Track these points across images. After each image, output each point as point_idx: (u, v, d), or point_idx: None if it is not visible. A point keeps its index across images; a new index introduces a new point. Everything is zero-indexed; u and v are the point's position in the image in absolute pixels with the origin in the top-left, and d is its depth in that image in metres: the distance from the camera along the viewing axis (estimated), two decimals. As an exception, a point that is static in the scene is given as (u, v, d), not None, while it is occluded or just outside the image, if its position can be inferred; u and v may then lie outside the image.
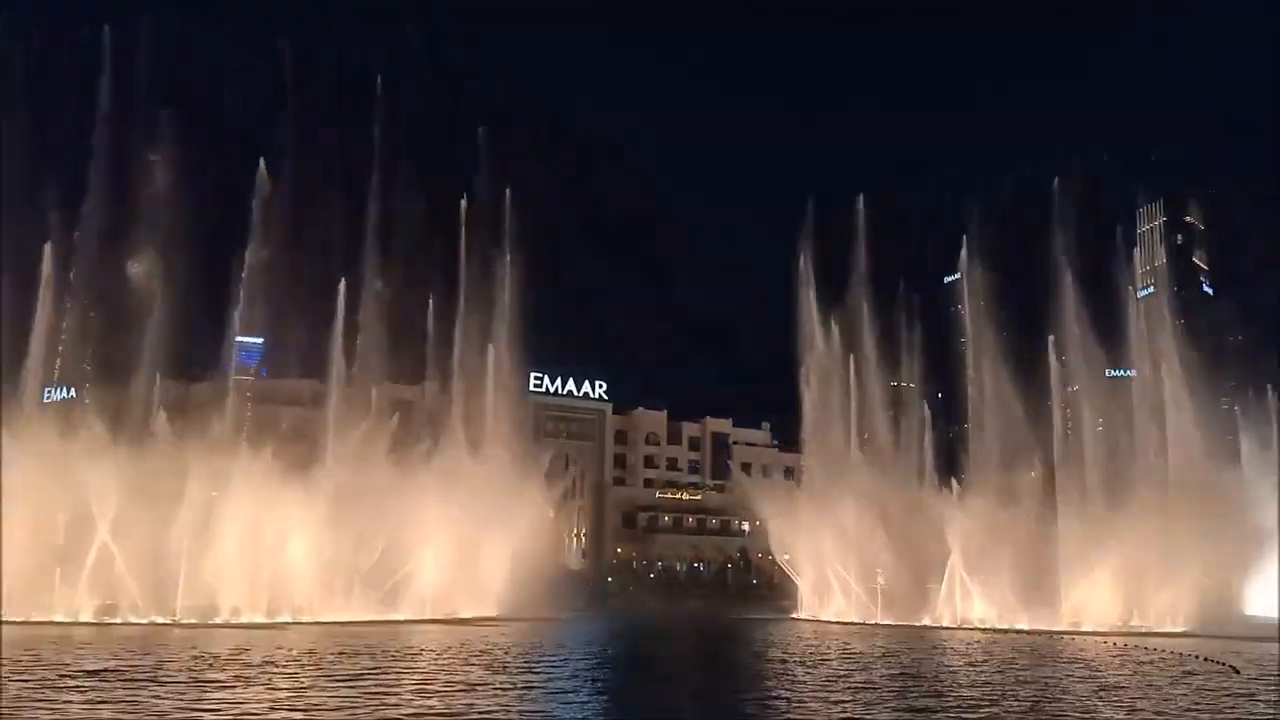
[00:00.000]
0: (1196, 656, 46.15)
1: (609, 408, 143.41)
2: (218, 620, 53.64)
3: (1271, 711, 29.09)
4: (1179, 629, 72.70)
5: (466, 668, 34.91)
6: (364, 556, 62.26)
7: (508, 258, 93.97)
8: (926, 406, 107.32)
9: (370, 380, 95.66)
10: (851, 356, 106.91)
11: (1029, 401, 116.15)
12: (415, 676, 31.95)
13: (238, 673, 31.11)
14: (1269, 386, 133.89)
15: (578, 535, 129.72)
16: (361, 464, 68.13)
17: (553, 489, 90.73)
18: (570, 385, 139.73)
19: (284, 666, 33.50)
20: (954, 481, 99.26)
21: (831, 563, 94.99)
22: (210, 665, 32.96)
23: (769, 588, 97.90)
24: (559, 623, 60.29)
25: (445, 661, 37.07)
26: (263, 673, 31.37)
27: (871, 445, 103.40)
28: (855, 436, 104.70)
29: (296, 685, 28.67)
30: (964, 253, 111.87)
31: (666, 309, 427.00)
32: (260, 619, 54.96)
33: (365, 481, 66.21)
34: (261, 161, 74.61)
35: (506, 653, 40.94)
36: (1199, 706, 28.85)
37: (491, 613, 64.85)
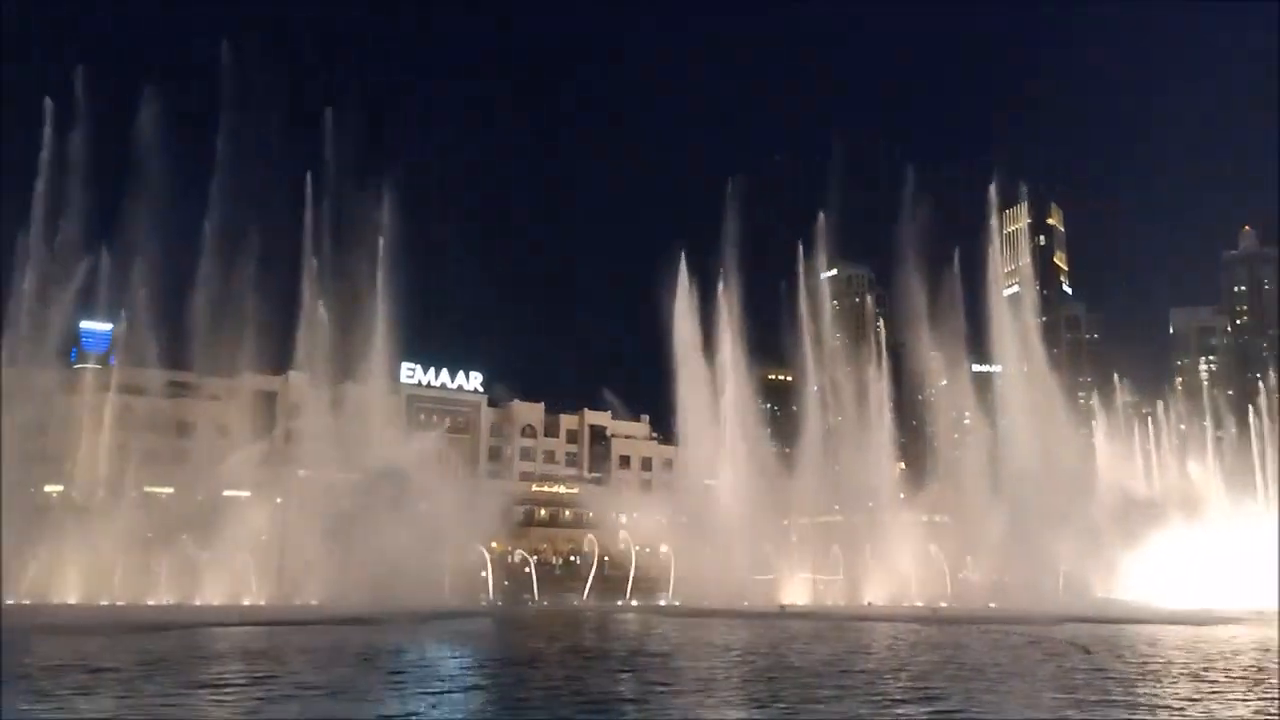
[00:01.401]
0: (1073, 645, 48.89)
1: (484, 400, 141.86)
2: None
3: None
4: (1042, 611, 76.44)
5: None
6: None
7: (380, 245, 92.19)
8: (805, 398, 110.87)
9: (226, 370, 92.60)
10: (728, 350, 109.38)
11: (899, 397, 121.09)
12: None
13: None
14: (1118, 378, 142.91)
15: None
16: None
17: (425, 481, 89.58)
18: (444, 376, 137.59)
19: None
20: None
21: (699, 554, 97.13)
22: None
23: (648, 580, 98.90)
24: (427, 622, 58.98)
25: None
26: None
27: (742, 437, 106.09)
28: (732, 429, 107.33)
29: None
30: (803, 249, 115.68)
31: (546, 301, 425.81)
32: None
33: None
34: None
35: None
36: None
37: (361, 611, 63.26)
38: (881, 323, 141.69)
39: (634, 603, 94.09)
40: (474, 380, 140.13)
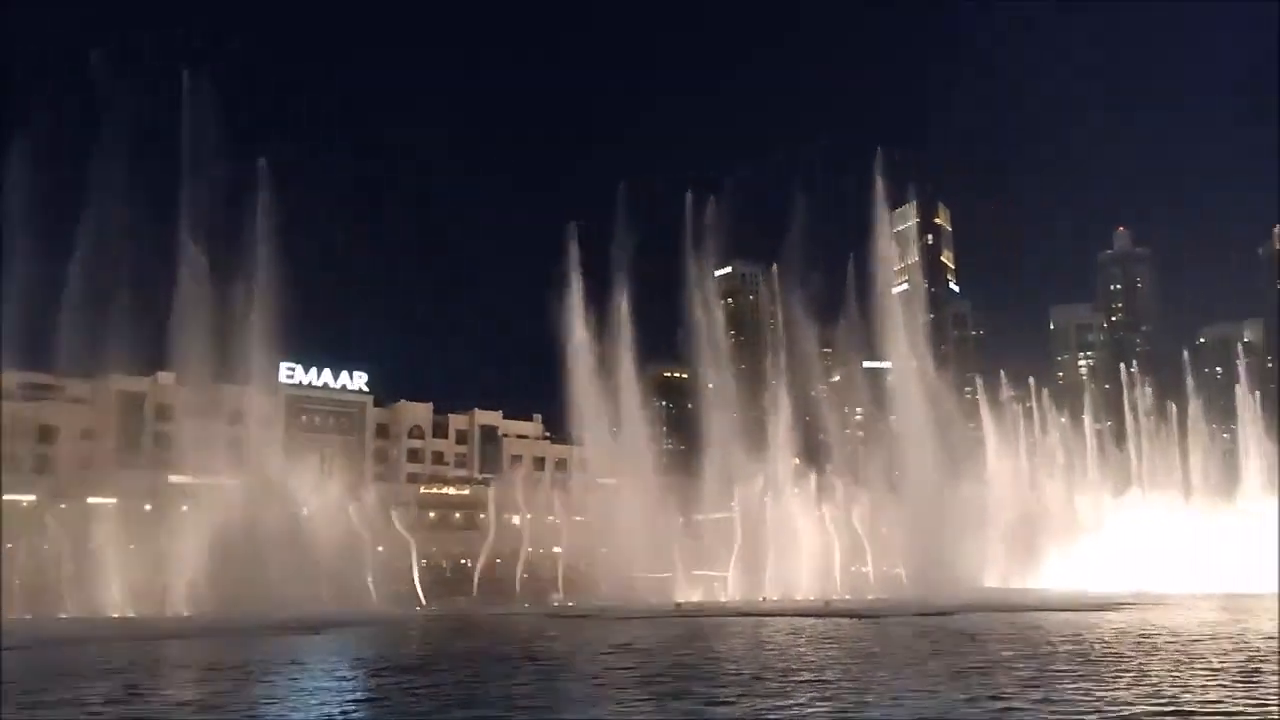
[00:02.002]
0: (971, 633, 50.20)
1: (369, 400, 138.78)
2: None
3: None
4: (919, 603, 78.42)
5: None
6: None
7: (260, 240, 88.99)
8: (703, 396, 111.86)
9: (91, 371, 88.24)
10: (622, 349, 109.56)
11: (793, 393, 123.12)
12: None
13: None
14: (1003, 374, 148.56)
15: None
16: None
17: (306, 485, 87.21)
18: (327, 376, 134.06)
19: None
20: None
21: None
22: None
23: (540, 581, 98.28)
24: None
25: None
26: None
27: (638, 436, 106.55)
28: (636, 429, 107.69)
29: None
30: (693, 247, 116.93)
31: (437, 301, 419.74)
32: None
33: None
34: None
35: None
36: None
37: (238, 622, 60.85)
38: (777, 320, 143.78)
39: (525, 605, 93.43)
40: (358, 380, 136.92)
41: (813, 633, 52.71)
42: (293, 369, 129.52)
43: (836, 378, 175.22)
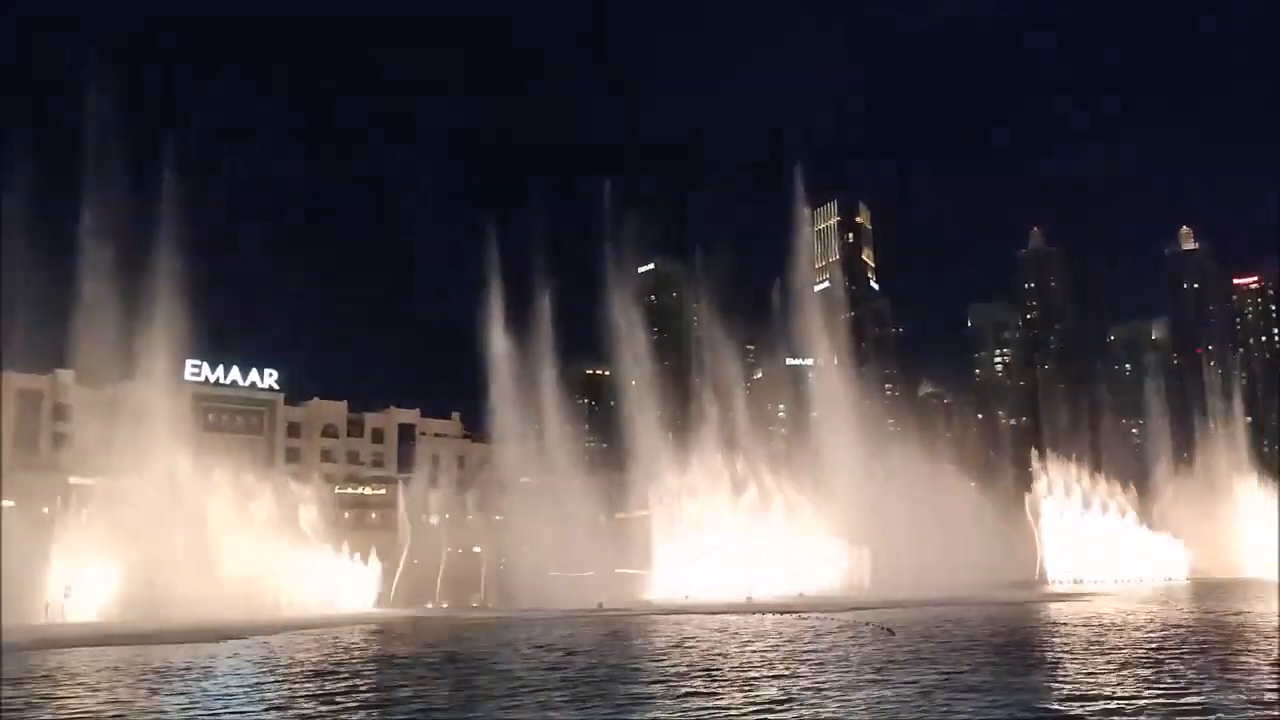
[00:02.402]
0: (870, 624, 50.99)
1: (280, 398, 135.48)
2: None
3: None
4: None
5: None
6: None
7: (164, 236, 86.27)
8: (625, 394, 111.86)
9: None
10: (542, 347, 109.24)
11: (719, 389, 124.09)
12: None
13: None
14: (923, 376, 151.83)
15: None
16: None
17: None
18: (235, 374, 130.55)
19: None
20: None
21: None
22: None
23: (461, 582, 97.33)
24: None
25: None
26: None
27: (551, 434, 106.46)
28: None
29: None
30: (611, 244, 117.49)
31: (352, 296, 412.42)
32: None
33: None
34: None
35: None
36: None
37: (143, 628, 58.94)
38: (700, 317, 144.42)
39: (444, 605, 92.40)
40: (269, 378, 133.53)
41: (735, 629, 53.09)
42: (199, 366, 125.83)
43: (759, 375, 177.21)
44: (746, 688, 28.76)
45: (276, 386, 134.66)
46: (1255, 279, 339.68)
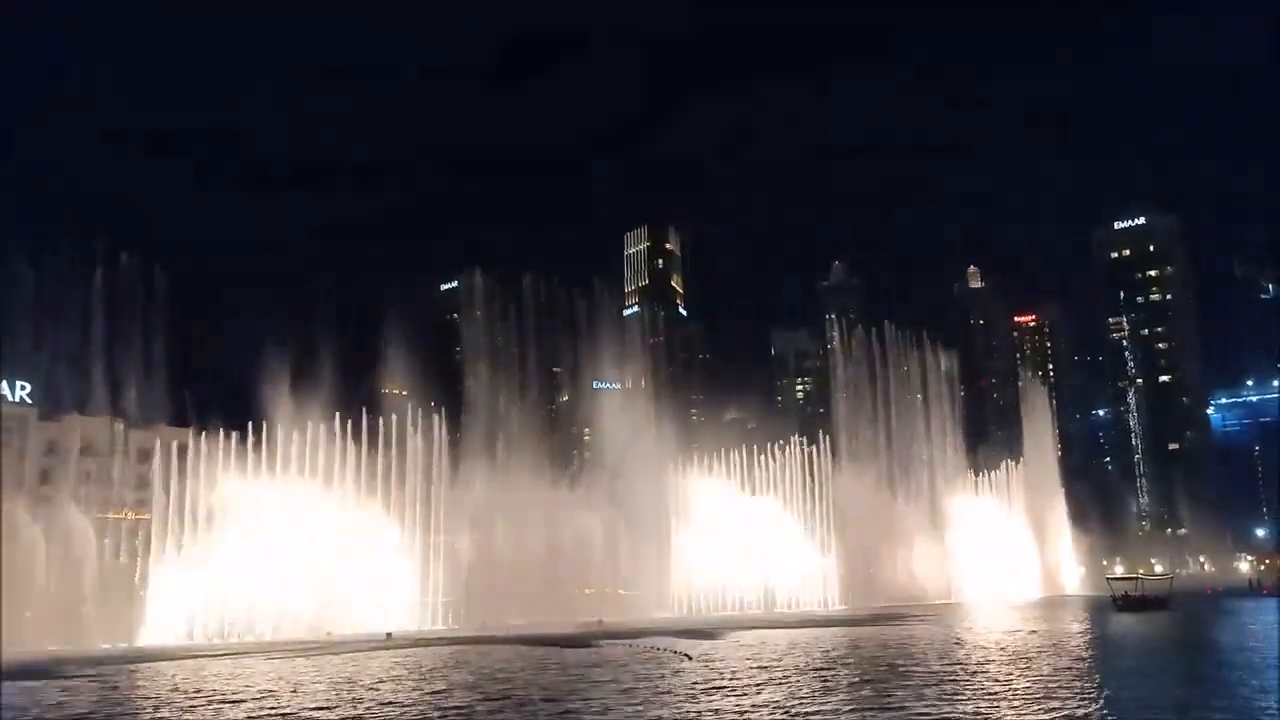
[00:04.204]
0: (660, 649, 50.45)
1: (35, 412, 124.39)
2: None
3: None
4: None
5: None
6: None
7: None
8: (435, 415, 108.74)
9: None
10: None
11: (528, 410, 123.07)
12: None
13: None
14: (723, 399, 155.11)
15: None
16: None
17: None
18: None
19: None
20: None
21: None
22: None
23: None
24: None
25: None
26: None
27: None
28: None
29: None
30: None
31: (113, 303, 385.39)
32: None
33: None
34: None
35: None
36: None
37: None
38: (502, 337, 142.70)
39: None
40: (20, 390, 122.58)
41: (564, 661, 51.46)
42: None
43: (565, 397, 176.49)
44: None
45: (29, 400, 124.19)
46: (1033, 317, 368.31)
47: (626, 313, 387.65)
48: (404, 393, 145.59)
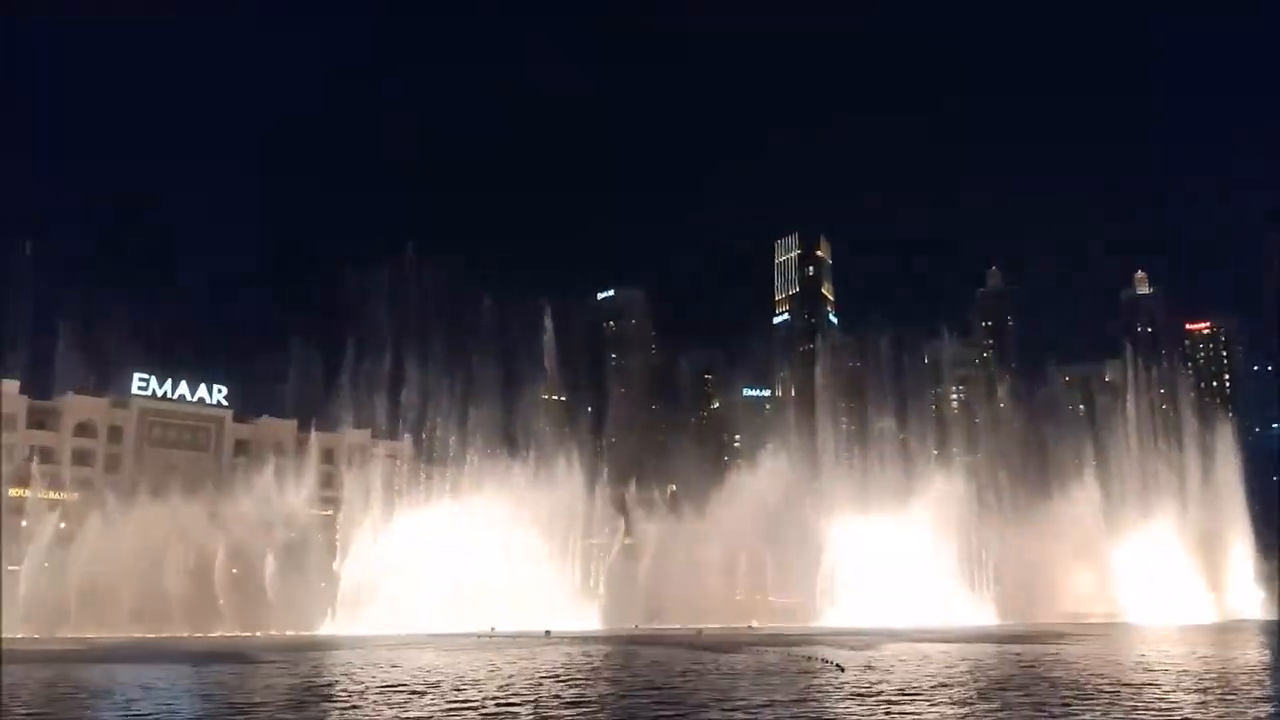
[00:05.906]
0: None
1: (229, 415, 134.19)
2: None
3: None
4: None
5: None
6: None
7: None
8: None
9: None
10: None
11: (678, 419, 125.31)
12: None
13: None
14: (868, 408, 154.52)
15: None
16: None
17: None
18: (184, 389, 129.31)
19: None
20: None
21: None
22: None
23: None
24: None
25: None
26: None
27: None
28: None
29: None
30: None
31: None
32: None
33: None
34: None
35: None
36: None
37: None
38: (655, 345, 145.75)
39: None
40: (217, 394, 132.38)
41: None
42: (146, 379, 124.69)
43: (716, 405, 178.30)
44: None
45: (224, 402, 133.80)
46: (1206, 324, 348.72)
47: (776, 320, 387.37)
48: (562, 398, 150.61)
